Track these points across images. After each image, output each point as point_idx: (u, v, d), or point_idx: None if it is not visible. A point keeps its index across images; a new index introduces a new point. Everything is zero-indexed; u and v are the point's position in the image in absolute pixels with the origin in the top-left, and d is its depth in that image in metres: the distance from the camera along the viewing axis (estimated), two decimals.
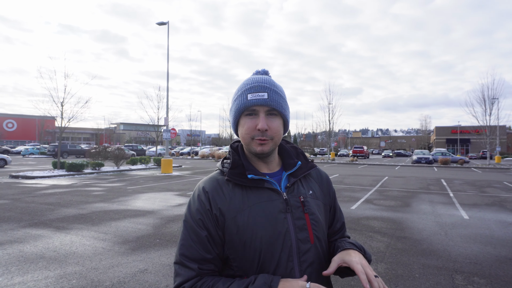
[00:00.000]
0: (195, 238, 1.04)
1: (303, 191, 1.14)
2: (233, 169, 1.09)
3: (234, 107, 1.11)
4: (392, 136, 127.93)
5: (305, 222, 1.08)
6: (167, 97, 20.69)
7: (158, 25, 19.50)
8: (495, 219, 7.67)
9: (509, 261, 4.85)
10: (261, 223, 1.03)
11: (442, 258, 4.95)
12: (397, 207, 9.09)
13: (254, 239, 1.02)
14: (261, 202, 1.06)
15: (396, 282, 4.07)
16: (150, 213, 7.89)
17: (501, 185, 14.86)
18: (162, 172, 19.12)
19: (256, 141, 1.07)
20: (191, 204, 1.09)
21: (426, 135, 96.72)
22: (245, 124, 1.08)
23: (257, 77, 1.12)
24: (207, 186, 1.10)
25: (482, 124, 34.27)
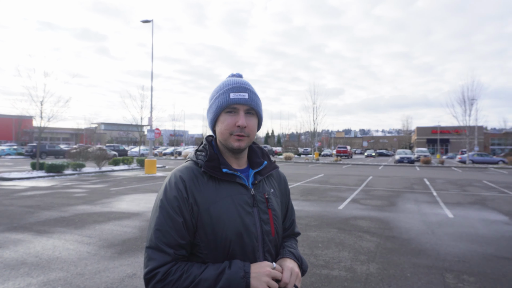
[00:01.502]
0: (171, 224, 1.08)
1: (267, 188, 1.26)
2: (209, 162, 1.16)
3: (216, 104, 1.18)
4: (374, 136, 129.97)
5: (268, 217, 1.20)
6: (151, 97, 20.36)
7: (142, 22, 19.14)
8: (478, 218, 7.83)
9: (495, 259, 4.94)
10: (232, 215, 1.12)
11: (432, 257, 4.99)
12: (384, 207, 9.17)
13: (225, 230, 1.10)
14: (232, 195, 1.15)
15: (389, 282, 4.06)
16: (135, 215, 7.70)
17: (481, 184, 15.25)
18: (146, 173, 18.80)
19: (235, 137, 1.15)
20: (167, 190, 1.13)
21: (408, 135, 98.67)
22: (225, 120, 1.16)
23: (237, 79, 1.23)
24: (184, 176, 1.15)
25: (462, 125, 35.19)
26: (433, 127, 74.81)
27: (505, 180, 17.47)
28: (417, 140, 76.58)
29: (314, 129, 41.91)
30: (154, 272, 1.04)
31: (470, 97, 34.68)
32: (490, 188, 13.80)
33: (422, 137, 75.93)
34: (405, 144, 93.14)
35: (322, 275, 4.27)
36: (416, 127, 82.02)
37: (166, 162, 32.36)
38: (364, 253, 5.17)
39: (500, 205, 9.63)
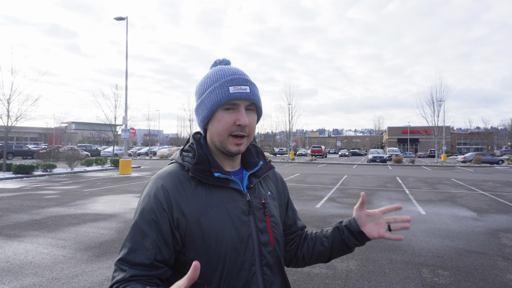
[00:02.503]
0: (140, 240, 0.92)
1: (263, 192, 1.10)
2: (197, 165, 0.99)
3: (211, 100, 0.99)
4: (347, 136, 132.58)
5: (266, 225, 1.05)
6: (125, 96, 19.88)
7: (116, 20, 18.65)
8: (449, 214, 8.16)
9: (467, 253, 5.16)
10: (226, 227, 0.96)
11: (408, 253, 5.16)
12: None
13: (219, 243, 0.95)
14: (225, 203, 0.99)
15: (368, 278, 4.17)
16: (111, 216, 7.51)
17: (450, 182, 15.89)
18: (121, 173, 18.35)
19: (233, 139, 0.99)
20: (144, 201, 0.96)
21: (379, 135, 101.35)
22: (222, 119, 0.98)
23: (233, 68, 1.05)
24: (167, 183, 0.97)
25: (430, 125, 36.54)
26: (403, 127, 77.32)
27: (471, 178, 18.28)
28: (389, 139, 78.84)
29: (289, 129, 42.34)
30: None
31: (438, 98, 36.14)
32: (458, 185, 14.40)
33: (393, 137, 78.25)
34: (377, 143, 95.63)
35: (304, 273, 4.33)
36: (387, 127, 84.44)
37: (141, 162, 31.73)
38: None
39: (469, 201, 10.07)
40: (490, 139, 57.21)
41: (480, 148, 66.06)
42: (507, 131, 52.56)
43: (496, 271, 4.46)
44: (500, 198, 10.86)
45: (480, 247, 5.51)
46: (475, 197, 11.08)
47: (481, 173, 22.28)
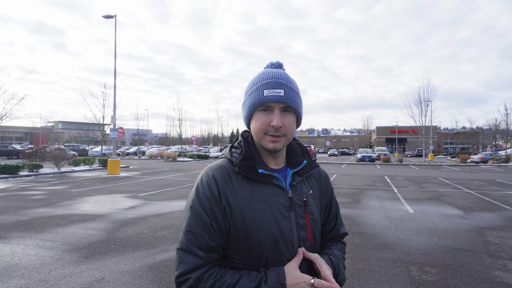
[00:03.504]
0: (202, 226, 1.01)
1: (305, 190, 1.16)
2: (244, 161, 1.08)
3: (249, 102, 1.09)
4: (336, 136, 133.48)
5: (305, 221, 1.11)
6: (114, 95, 19.65)
7: (104, 18, 18.41)
8: (436, 212, 8.28)
9: (454, 251, 5.25)
10: (268, 220, 1.03)
11: (397, 251, 5.23)
12: (349, 204, 9.46)
13: (260, 235, 1.02)
14: (267, 198, 1.06)
15: (358, 276, 4.21)
16: (100, 217, 7.42)
17: (437, 181, 16.13)
18: (109, 173, 18.15)
19: (269, 137, 1.06)
20: (199, 190, 1.05)
21: (368, 135, 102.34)
22: (259, 119, 1.07)
23: (273, 71, 1.10)
24: (217, 175, 1.07)
25: (418, 125, 37.04)
26: (391, 126, 78.15)
27: (458, 177, 18.60)
28: (377, 139, 79.64)
29: None
30: (186, 277, 0.98)
31: (425, 98, 36.65)
32: (445, 184, 14.63)
33: (381, 137, 79.06)
34: (365, 143, 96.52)
35: None
36: (376, 127, 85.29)
37: (129, 162, 31.41)
38: None
39: (455, 200, 10.25)
40: (475, 139, 58.23)
41: (466, 147, 67.21)
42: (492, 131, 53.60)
43: (482, 267, 4.54)
44: (486, 196, 11.07)
45: (467, 244, 5.61)
46: (461, 195, 11.28)
47: (467, 172, 22.68)
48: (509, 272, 4.39)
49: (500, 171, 23.67)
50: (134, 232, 6.17)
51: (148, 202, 9.46)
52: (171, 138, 74.23)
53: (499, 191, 12.34)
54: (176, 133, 41.58)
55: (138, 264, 4.56)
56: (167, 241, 5.65)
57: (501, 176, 19.20)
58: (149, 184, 13.78)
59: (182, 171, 21.03)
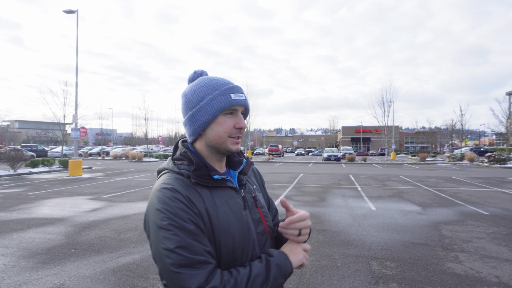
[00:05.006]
0: (190, 236, 0.94)
1: (251, 186, 1.22)
2: (197, 170, 1.07)
3: (213, 106, 1.08)
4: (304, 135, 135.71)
5: (259, 216, 1.16)
6: (76, 93, 18.87)
7: (65, 13, 17.63)
8: (396, 209, 8.65)
9: (412, 245, 5.52)
10: (231, 223, 1.06)
11: (359, 247, 5.41)
12: (315, 202, 9.67)
13: (228, 239, 1.04)
14: (227, 201, 1.08)
15: (322, 273, 4.32)
16: (60, 220, 7.12)
17: (398, 179, 16.82)
18: (70, 175, 17.42)
19: (233, 139, 1.10)
20: (168, 206, 0.96)
21: (334, 134, 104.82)
22: (224, 123, 1.09)
23: (223, 77, 1.16)
24: (177, 187, 1.01)
25: (381, 125, 38.43)
26: (356, 126, 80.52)
27: (417, 174, 19.48)
28: (343, 138, 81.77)
29: (247, 129, 42.51)
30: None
31: (388, 99, 38.11)
32: (405, 182, 15.29)
33: (347, 136, 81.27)
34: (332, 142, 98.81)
35: None
36: (341, 127, 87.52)
37: (93, 163, 30.30)
38: None
39: (414, 197, 10.74)
40: (434, 138, 61.19)
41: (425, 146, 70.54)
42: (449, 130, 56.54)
43: (437, 260, 4.81)
44: (442, 193, 11.69)
45: (424, 239, 5.91)
46: (420, 192, 11.84)
47: (426, 170, 23.80)
48: (460, 263, 4.68)
49: (456, 168, 25.05)
50: (96, 235, 5.97)
51: (112, 204, 9.18)
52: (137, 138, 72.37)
53: (454, 188, 13.07)
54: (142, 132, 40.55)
55: (100, 268, 4.43)
56: (132, 243, 5.52)
57: (456, 173, 20.32)
58: (113, 186, 13.38)
59: (148, 171, 20.58)
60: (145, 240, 5.68)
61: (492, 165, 26.74)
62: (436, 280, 4.11)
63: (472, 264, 4.65)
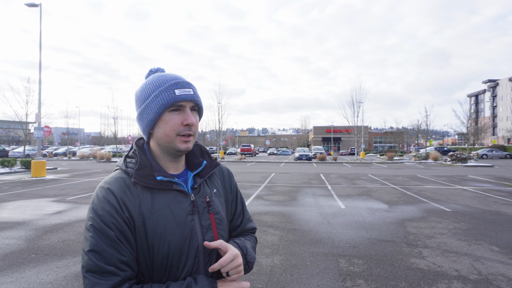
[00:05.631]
0: (108, 241, 0.94)
1: (208, 190, 1.16)
2: (140, 170, 1.04)
3: (157, 103, 1.04)
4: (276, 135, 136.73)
5: (210, 222, 1.10)
6: (39, 90, 18.02)
7: (27, 6, 16.81)
8: (365, 207, 8.87)
9: (379, 242, 5.67)
10: (170, 227, 1.01)
11: (328, 245, 5.50)
12: (286, 202, 9.74)
13: (162, 244, 1.00)
14: (169, 204, 1.04)
15: (291, 272, 4.35)
16: (20, 224, 6.77)
17: (367, 177, 17.27)
18: (33, 176, 16.64)
19: (181, 138, 1.05)
20: (96, 205, 0.98)
21: (306, 134, 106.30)
22: (170, 120, 1.04)
23: (172, 73, 1.11)
24: (113, 187, 1.01)
25: (351, 125, 39.34)
26: (327, 126, 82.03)
27: (385, 173, 20.08)
28: (314, 138, 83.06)
29: (219, 128, 42.29)
30: None
31: (357, 100, 39.06)
32: (374, 180, 15.72)
33: (318, 136, 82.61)
34: (303, 142, 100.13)
35: None
36: (313, 127, 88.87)
37: (58, 164, 29.11)
38: (268, 246, 5.43)
39: (382, 195, 11.06)
40: (401, 138, 63.38)
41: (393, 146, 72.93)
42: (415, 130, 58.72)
43: (402, 256, 4.96)
44: (408, 191, 12.11)
45: (390, 236, 6.09)
46: (387, 190, 12.20)
47: (393, 168, 24.59)
48: (423, 259, 4.85)
49: (421, 167, 26.03)
50: (60, 239, 5.73)
51: (78, 206, 8.85)
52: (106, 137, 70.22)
53: (419, 186, 13.57)
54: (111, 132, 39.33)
55: (63, 273, 4.25)
56: None
57: (422, 172, 21.12)
58: (80, 187, 12.91)
59: None
60: None
61: (454, 164, 28.02)
62: (401, 275, 4.24)
63: (434, 259, 4.83)
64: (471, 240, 5.79)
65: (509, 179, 16.50)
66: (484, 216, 7.77)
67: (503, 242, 5.68)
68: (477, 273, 4.33)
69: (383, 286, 3.94)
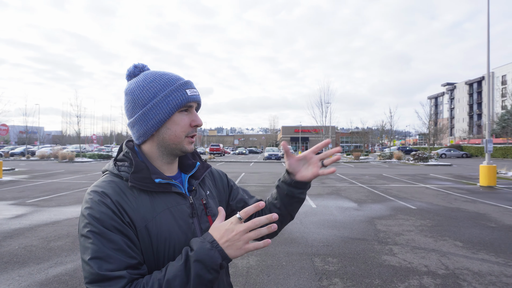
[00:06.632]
0: (112, 246, 0.86)
1: (202, 192, 1.13)
2: (136, 173, 0.97)
3: (168, 103, 0.99)
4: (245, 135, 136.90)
5: (209, 225, 1.06)
6: None
7: None
8: (335, 206, 9.04)
9: (351, 240, 5.78)
10: (173, 230, 0.97)
11: (302, 245, 5.54)
12: None
13: (167, 248, 0.95)
14: (169, 207, 0.99)
15: (268, 272, 4.33)
16: None
17: (335, 176, 17.64)
18: None
19: (189, 139, 1.04)
20: (92, 210, 0.90)
21: (274, 134, 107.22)
22: (181, 121, 1.02)
23: (170, 72, 1.07)
24: (108, 190, 0.94)
25: (319, 125, 40.11)
26: (295, 126, 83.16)
27: (352, 172, 20.62)
28: (282, 138, 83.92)
29: None
30: None
31: (325, 100, 39.88)
32: (342, 180, 16.08)
33: (286, 136, 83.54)
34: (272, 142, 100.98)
35: None
36: (281, 126, 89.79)
37: (15, 164, 27.50)
38: None
39: (351, 194, 11.33)
40: (366, 138, 65.35)
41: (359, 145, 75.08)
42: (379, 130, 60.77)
43: (374, 253, 5.09)
44: (375, 189, 12.48)
45: (361, 234, 6.23)
46: (355, 189, 12.52)
47: (360, 168, 25.30)
48: (394, 255, 5.00)
49: (386, 166, 26.98)
50: (21, 245, 5.39)
51: (39, 209, 8.38)
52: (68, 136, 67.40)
53: (385, 184, 14.04)
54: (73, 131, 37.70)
55: (26, 282, 3.99)
56: (63, 252, 5.07)
57: (387, 171, 21.88)
58: (41, 189, 12.25)
59: (80, 172, 19.21)
60: (78, 248, 5.26)
61: (417, 163, 29.27)
62: (374, 272, 4.34)
63: (404, 256, 4.99)
64: (437, 237, 6.04)
65: (467, 177, 17.46)
66: (446, 213, 8.15)
67: (465, 238, 5.97)
68: (445, 268, 4.51)
69: (358, 284, 4.01)
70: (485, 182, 13.57)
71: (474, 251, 5.25)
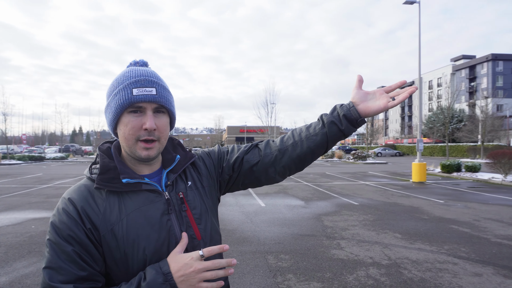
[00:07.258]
0: (65, 257, 0.88)
1: (182, 185, 1.06)
2: (103, 174, 0.96)
3: (115, 103, 0.95)
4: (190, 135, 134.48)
5: (188, 219, 1.01)
6: None
7: None
8: (283, 204, 9.26)
9: (301, 237, 5.97)
10: (142, 232, 0.93)
11: (254, 243, 5.60)
12: None
13: (137, 251, 0.92)
14: (140, 207, 0.95)
15: None
16: None
17: None
18: None
19: (142, 143, 0.95)
20: (55, 218, 0.92)
21: (220, 134, 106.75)
22: (128, 123, 0.94)
23: (140, 69, 1.00)
24: (74, 196, 0.94)
25: (265, 125, 40.76)
26: (241, 126, 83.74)
27: None
28: (228, 138, 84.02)
29: None
30: None
31: (271, 101, 40.64)
32: (288, 178, 16.50)
33: (232, 136, 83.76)
34: (217, 142, 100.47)
35: None
36: (226, 126, 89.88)
37: None
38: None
39: (297, 192, 11.68)
40: None
41: None
42: None
43: (323, 248, 5.31)
44: (320, 187, 13.00)
45: (310, 230, 6.46)
46: (301, 187, 12.94)
47: None
48: (342, 249, 5.26)
49: (328, 165, 28.22)
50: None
51: None
52: None
53: (329, 182, 14.68)
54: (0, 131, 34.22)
55: None
56: None
57: (329, 169, 22.89)
58: None
59: (9, 176, 17.54)
60: (13, 259, 4.81)
61: (356, 162, 31.01)
62: (325, 266, 4.53)
63: (351, 249, 5.27)
64: (378, 230, 6.46)
65: (401, 174, 18.88)
66: (385, 207, 8.75)
67: (403, 229, 6.46)
68: (388, 258, 4.85)
69: (310, 278, 4.16)
70: (417, 178, 14.80)
71: (412, 241, 5.70)
